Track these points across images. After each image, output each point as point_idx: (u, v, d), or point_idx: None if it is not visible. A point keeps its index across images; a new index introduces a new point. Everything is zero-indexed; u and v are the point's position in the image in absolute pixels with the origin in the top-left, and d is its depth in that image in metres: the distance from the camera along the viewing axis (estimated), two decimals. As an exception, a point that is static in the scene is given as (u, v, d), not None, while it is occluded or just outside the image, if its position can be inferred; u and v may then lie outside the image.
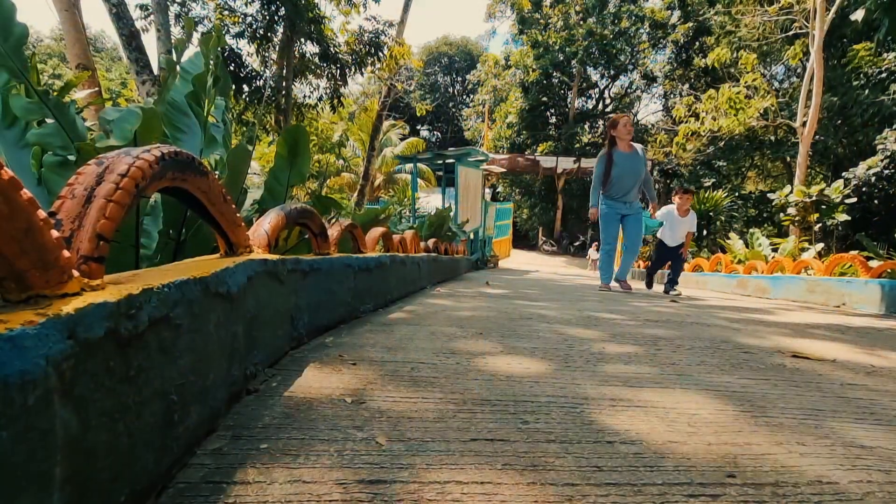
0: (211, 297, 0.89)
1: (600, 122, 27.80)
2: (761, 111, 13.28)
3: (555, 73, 25.22)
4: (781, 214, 10.14)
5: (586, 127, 26.99)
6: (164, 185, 0.91)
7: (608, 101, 28.16)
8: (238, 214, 1.26)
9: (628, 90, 27.56)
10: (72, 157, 1.78)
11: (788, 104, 15.11)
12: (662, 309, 3.41)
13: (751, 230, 9.82)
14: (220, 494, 0.72)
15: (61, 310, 0.53)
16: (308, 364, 1.38)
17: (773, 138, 17.41)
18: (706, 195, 12.86)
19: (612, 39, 23.62)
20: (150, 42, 8.16)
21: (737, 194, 15.71)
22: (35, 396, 0.46)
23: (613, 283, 5.53)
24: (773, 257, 7.23)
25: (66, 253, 0.59)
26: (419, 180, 17.40)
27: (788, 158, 17.36)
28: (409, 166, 16.78)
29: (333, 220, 2.66)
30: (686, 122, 14.57)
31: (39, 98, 1.88)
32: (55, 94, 2.07)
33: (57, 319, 0.51)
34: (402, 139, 22.67)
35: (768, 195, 11.66)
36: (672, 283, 5.94)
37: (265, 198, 2.60)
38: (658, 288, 6.74)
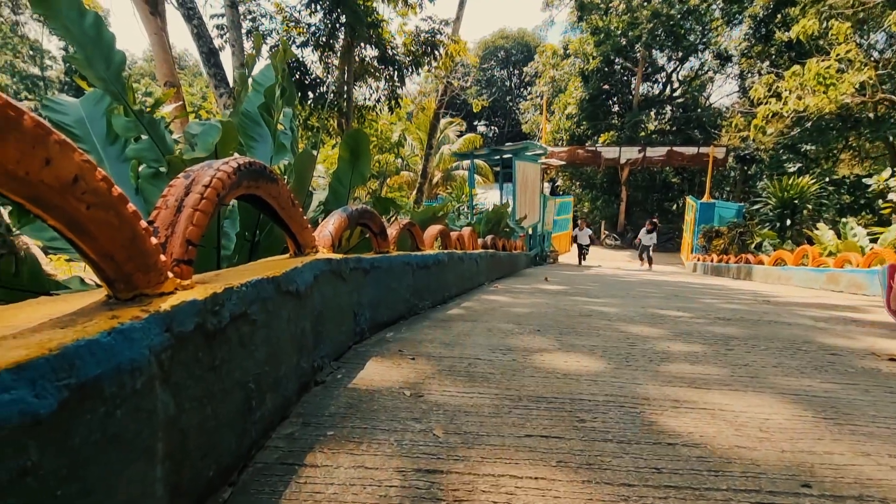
0: (282, 295, 0.97)
1: (667, 108, 26.22)
2: (857, 86, 11.84)
3: (617, 60, 24.08)
4: (881, 201, 9.00)
5: (652, 114, 25.56)
6: (241, 193, 1.01)
7: (676, 84, 26.44)
8: (304, 216, 1.35)
9: (699, 72, 25.70)
10: (163, 169, 1.99)
11: (892, 76, 13.36)
12: (737, 306, 3.19)
13: (844, 219, 8.82)
14: (293, 475, 0.79)
15: (160, 307, 0.61)
16: (370, 358, 1.45)
17: (871, 116, 15.48)
18: (789, 182, 11.71)
19: (680, 19, 22.13)
20: (226, 58, 8.83)
21: (827, 180, 14.13)
22: (141, 382, 0.54)
23: None
24: (870, 248, 6.46)
25: (162, 257, 0.67)
26: (477, 177, 17.39)
27: (892, 138, 15.37)
28: (466, 163, 16.82)
29: (392, 219, 2.74)
30: (766, 102, 13.33)
31: (135, 117, 2.11)
32: (148, 111, 2.31)
33: (157, 315, 0.59)
34: (458, 136, 22.76)
35: (864, 180, 10.40)
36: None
37: (329, 199, 2.75)
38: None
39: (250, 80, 2.83)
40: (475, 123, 37.26)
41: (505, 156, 11.49)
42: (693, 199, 14.73)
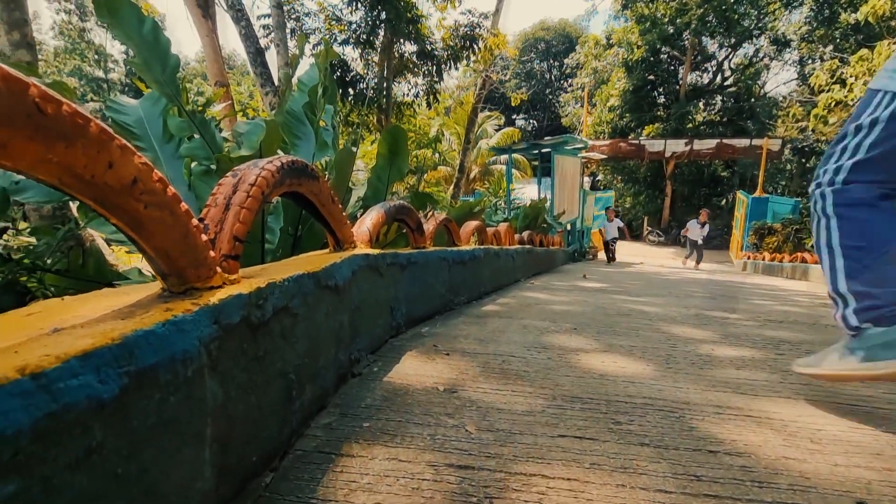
0: (321, 290, 1.00)
1: (718, 98, 24.89)
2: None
3: (663, 48, 23.05)
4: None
5: (700, 104, 24.35)
6: (284, 191, 1.05)
7: (728, 73, 25.03)
8: (344, 212, 1.39)
9: (753, 59, 24.21)
10: (213, 166, 2.09)
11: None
12: (790, 308, 3.01)
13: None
14: (330, 464, 0.82)
15: (209, 300, 0.64)
16: (405, 352, 1.47)
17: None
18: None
19: (734, 3, 20.89)
20: (271, 58, 9.14)
21: None
22: (192, 370, 0.58)
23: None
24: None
25: (211, 253, 0.71)
26: (514, 171, 17.20)
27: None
28: (504, 157, 16.66)
29: (429, 214, 2.76)
30: (828, 90, 12.40)
31: (188, 117, 2.23)
32: (199, 111, 2.44)
33: (206, 308, 0.63)
34: (497, 130, 22.57)
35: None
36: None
37: (368, 195, 2.80)
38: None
39: (295, 80, 2.92)
40: (514, 117, 36.79)
41: (544, 150, 11.29)
42: (744, 194, 13.95)
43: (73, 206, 3.00)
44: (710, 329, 2.10)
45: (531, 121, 39.75)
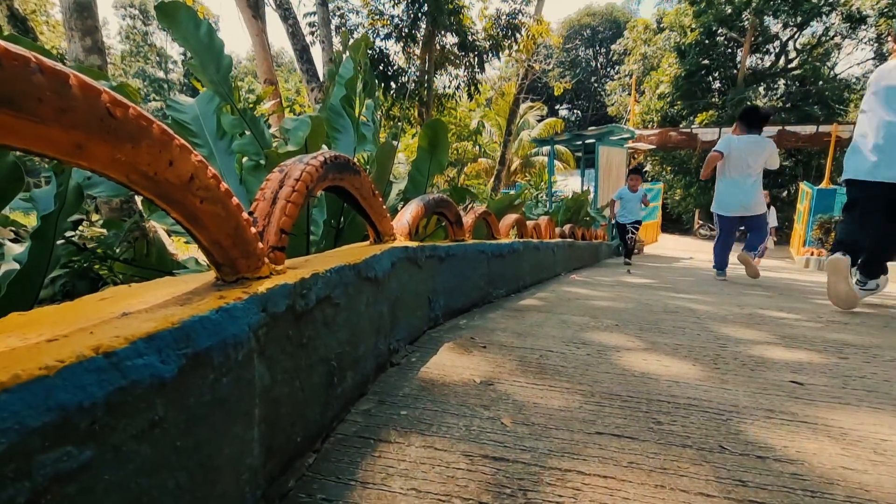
0: (362, 281, 1.04)
1: (780, 82, 23.19)
2: None
3: (720, 30, 21.70)
4: None
5: (761, 89, 22.78)
6: (327, 185, 1.08)
7: (792, 54, 23.22)
8: (384, 205, 1.42)
9: (822, 39, 22.32)
10: (262, 162, 2.19)
11: None
12: (858, 309, 2.79)
13: None
14: (369, 448, 0.85)
15: (258, 289, 0.68)
16: (443, 344, 1.50)
17: None
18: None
19: (801, -22, 19.34)
20: (317, 54, 9.39)
21: None
22: (242, 354, 0.62)
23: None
24: None
25: (260, 244, 0.76)
26: (557, 163, 16.84)
27: None
28: (546, 149, 16.35)
29: (468, 207, 2.77)
30: (911, 70, 11.27)
31: (240, 115, 2.34)
32: (250, 107, 2.55)
33: (255, 296, 0.67)
34: (539, 121, 22.14)
35: None
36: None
37: (408, 188, 2.84)
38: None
39: (336, 75, 2.99)
40: (557, 107, 35.92)
41: (587, 140, 10.98)
42: (808, 185, 12.96)
43: (138, 199, 3.23)
44: (765, 329, 1.99)
45: (575, 111, 38.68)
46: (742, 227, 4.69)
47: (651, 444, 0.89)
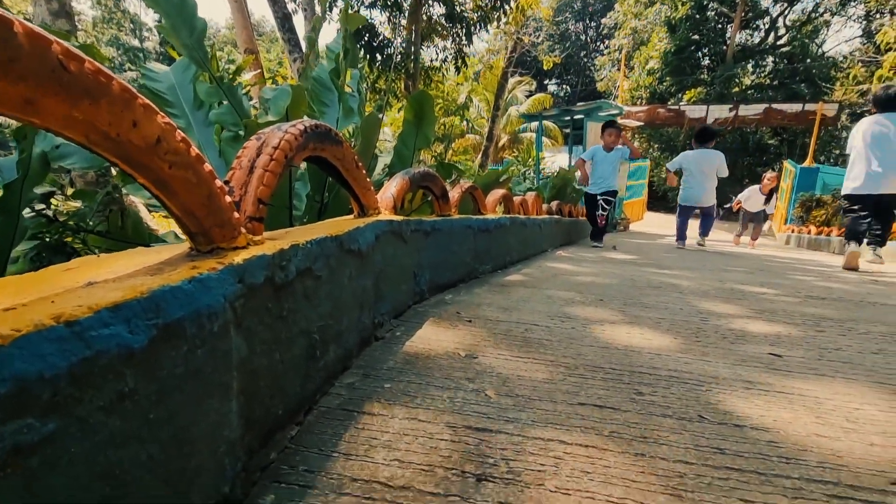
0: (344, 253, 1.01)
1: (769, 59, 23.14)
2: None
3: (710, 5, 21.44)
4: None
5: (749, 66, 22.72)
6: (308, 155, 1.05)
7: (782, 31, 23.12)
8: (369, 179, 1.38)
9: (812, 15, 22.23)
10: (241, 133, 2.12)
11: None
12: (835, 285, 2.86)
13: None
14: (352, 420, 0.85)
15: (234, 260, 0.66)
16: (428, 318, 1.49)
17: None
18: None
19: (794, -48, 19.09)
20: (299, 23, 9.04)
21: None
22: (218, 325, 0.59)
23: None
24: None
25: (236, 214, 0.73)
26: (545, 139, 16.72)
27: None
28: (534, 125, 16.21)
29: (455, 182, 2.73)
30: (896, 49, 11.34)
31: (217, 83, 2.25)
32: (229, 78, 2.45)
33: (231, 267, 0.64)
34: (527, 96, 21.85)
35: None
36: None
37: (394, 162, 2.79)
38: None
39: (321, 47, 2.88)
40: (545, 82, 35.47)
41: (576, 116, 10.90)
42: (792, 164, 13.11)
43: (115, 172, 3.11)
44: (746, 304, 2.03)
45: (564, 86, 38.26)
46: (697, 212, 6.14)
47: (632, 415, 0.91)
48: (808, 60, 21.37)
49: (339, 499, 0.64)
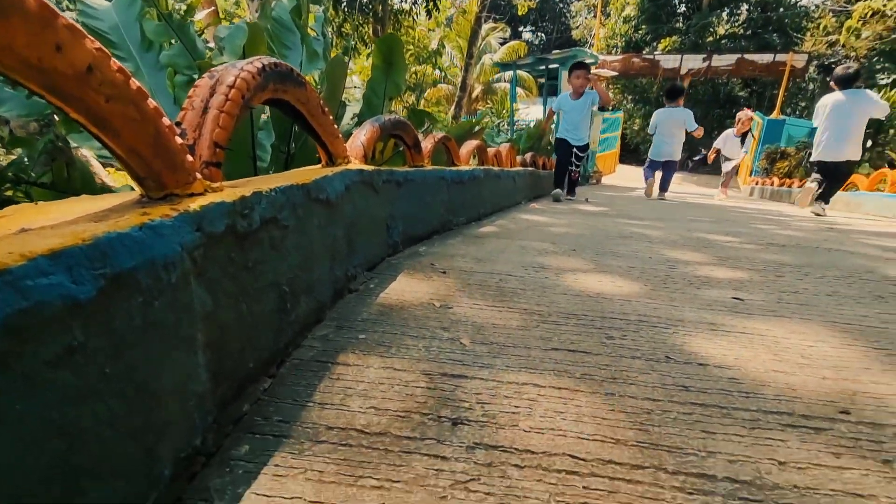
0: (312, 202, 0.97)
1: (743, 8, 22.87)
2: None
3: (690, -53, 20.79)
4: None
5: (724, 15, 22.42)
6: (268, 97, 0.97)
7: (758, -23, 22.73)
8: (336, 127, 1.31)
9: (788, -39, 21.85)
10: (195, 76, 1.96)
11: None
12: (794, 233, 2.99)
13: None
14: (327, 371, 0.84)
15: (189, 206, 0.61)
16: (402, 270, 1.47)
17: None
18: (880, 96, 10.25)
19: None
20: (255, -45, 8.26)
21: (926, 94, 12.27)
22: (176, 276, 0.56)
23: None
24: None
25: (189, 157, 0.67)
26: (519, 90, 16.34)
27: None
28: (508, 75, 15.76)
29: (427, 132, 2.65)
30: (867, -1, 11.36)
31: (166, 21, 2.05)
32: (180, 15, 2.23)
33: (187, 214, 0.60)
34: (501, 44, 21.06)
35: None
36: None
37: (363, 111, 2.67)
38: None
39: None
40: (520, 29, 34.24)
41: (551, 66, 10.64)
42: (759, 115, 13.28)
43: (58, 119, 2.86)
44: (711, 252, 2.10)
45: (539, 33, 37.04)
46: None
47: (603, 357, 0.93)
48: (781, 9, 21.24)
49: (315, 446, 0.64)
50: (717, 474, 0.61)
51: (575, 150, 5.05)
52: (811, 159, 5.28)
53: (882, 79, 14.16)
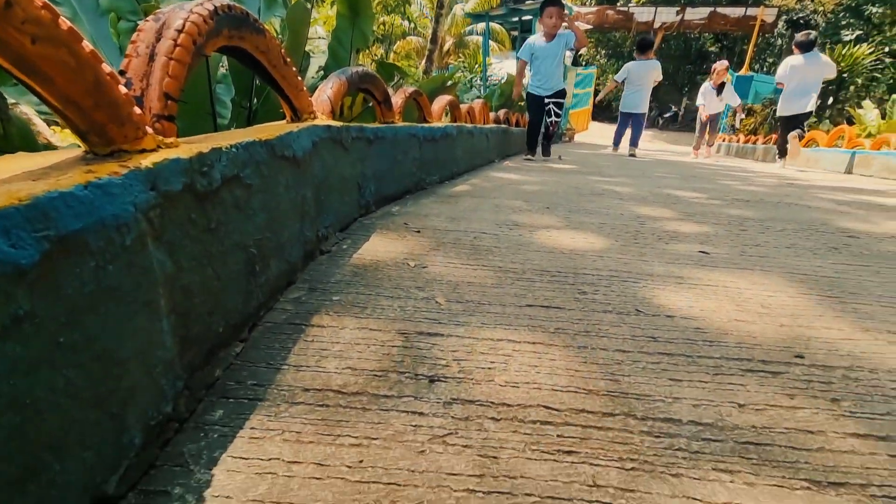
0: (278, 160, 0.92)
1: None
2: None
3: None
4: (942, 76, 8.12)
5: (700, -35, 21.97)
6: (222, 44, 0.89)
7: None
8: (301, 80, 1.23)
9: None
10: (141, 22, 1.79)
11: None
12: (757, 188, 3.08)
13: (894, 96, 8.08)
14: (301, 334, 0.82)
15: (140, 163, 0.56)
16: (375, 230, 1.45)
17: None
18: (842, 52, 10.46)
19: None
20: None
21: (886, 50, 12.52)
22: (130, 238, 0.52)
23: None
24: (914, 131, 6.02)
25: (137, 109, 0.61)
26: (492, 43, 15.83)
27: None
28: (480, 27, 15.19)
29: (398, 84, 2.54)
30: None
31: (102, -44, 1.84)
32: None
33: (138, 171, 0.55)
34: (474, -7, 20.18)
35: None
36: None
37: (329, 64, 2.53)
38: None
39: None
40: (494, -22, 32.72)
41: (524, 17, 10.30)
42: (729, 72, 13.38)
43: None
44: (679, 208, 2.14)
45: (513, -17, 35.52)
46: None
47: (576, 312, 0.95)
48: (755, -38, 20.96)
49: (291, 408, 0.63)
50: (683, 418, 0.64)
51: (551, 101, 4.55)
52: (777, 114, 6.25)
53: (846, 35, 14.36)
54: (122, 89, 0.58)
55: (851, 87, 10.62)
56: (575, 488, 0.52)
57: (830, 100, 10.56)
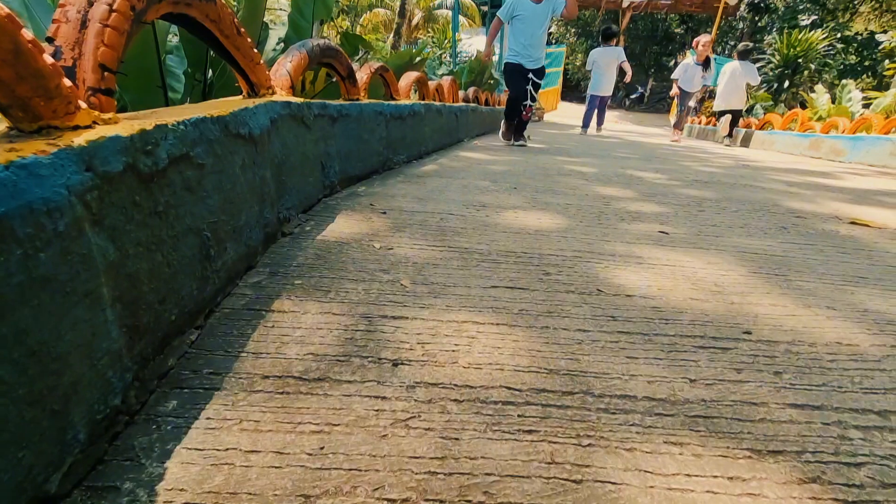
0: (232, 138, 0.87)
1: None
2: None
3: None
4: (888, 62, 8.56)
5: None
6: (167, 11, 0.83)
7: None
8: (258, 52, 1.17)
9: None
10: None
11: None
12: (715, 170, 3.19)
13: (843, 81, 8.46)
14: (261, 319, 0.80)
15: (73, 141, 0.52)
16: (340, 211, 1.41)
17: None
18: (798, 37, 10.82)
19: None
20: None
21: (838, 36, 13.04)
22: (64, 223, 0.48)
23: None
24: (861, 115, 6.34)
25: (67, 82, 0.56)
26: (462, 18, 15.51)
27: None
28: (450, 1, 14.82)
29: (363, 59, 2.46)
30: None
31: None
32: None
33: (70, 150, 0.51)
34: (443, -35, 19.59)
35: (878, 37, 9.68)
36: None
37: (290, 35, 2.41)
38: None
39: None
40: (464, -50, 31.81)
41: (495, -7, 10.09)
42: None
43: None
44: (641, 189, 2.19)
45: (483, -44, 34.70)
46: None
47: (540, 293, 0.96)
48: (720, -56, 21.20)
49: (249, 396, 0.62)
50: (638, 394, 0.66)
51: (532, 77, 3.75)
52: (713, 109, 7.91)
53: (803, 20, 14.84)
54: (48, 59, 0.53)
55: (805, 73, 11.05)
56: (534, 466, 0.53)
57: (787, 83, 10.96)
